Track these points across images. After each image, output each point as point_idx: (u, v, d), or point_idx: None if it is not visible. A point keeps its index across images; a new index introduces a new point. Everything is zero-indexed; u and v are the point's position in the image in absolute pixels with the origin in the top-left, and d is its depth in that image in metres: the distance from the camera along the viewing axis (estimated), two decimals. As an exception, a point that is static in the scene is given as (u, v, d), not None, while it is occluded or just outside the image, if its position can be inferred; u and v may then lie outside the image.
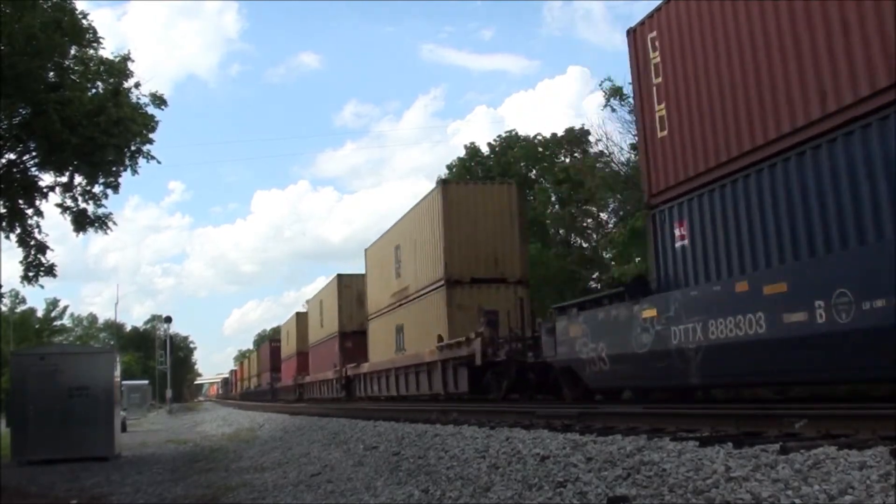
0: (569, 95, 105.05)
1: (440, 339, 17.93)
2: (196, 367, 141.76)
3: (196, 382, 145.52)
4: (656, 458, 5.30)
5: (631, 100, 27.03)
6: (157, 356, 69.36)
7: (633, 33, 11.54)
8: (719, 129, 9.51)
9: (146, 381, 56.22)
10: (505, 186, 19.92)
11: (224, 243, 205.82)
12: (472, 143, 44.96)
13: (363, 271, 28.87)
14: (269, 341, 58.32)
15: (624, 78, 25.91)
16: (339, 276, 31.72)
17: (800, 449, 4.73)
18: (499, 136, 43.36)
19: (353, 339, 29.38)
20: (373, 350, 26.00)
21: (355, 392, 27.91)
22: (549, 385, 14.03)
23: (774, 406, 7.57)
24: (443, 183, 19.49)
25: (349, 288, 30.74)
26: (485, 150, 44.32)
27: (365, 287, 27.43)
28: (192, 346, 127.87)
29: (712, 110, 9.65)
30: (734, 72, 9.29)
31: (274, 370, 51.03)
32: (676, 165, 10.33)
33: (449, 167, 45.58)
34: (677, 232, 10.21)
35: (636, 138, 26.53)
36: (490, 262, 18.41)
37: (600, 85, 29.93)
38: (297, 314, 44.70)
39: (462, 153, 44.89)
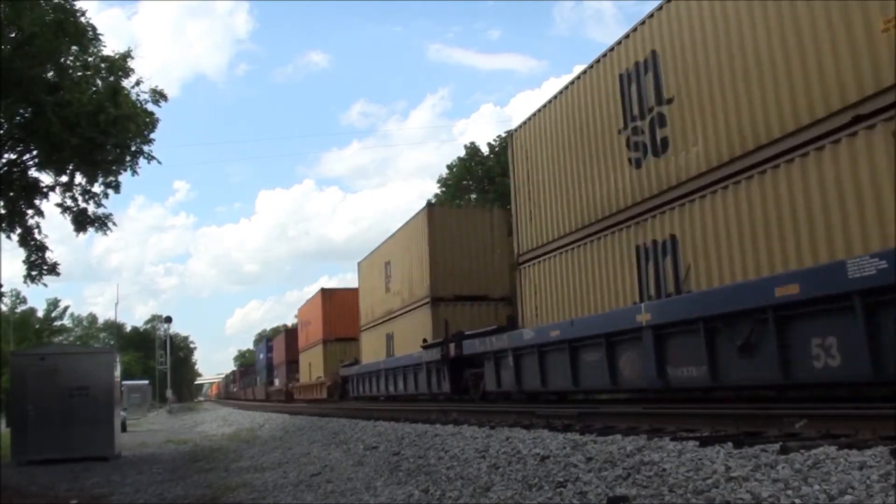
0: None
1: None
2: (196, 367, 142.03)
3: (196, 382, 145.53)
4: (656, 458, 5.31)
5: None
6: (157, 356, 69.29)
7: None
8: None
9: (146, 381, 56.23)
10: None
11: (228, 243, 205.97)
12: (472, 143, 45.05)
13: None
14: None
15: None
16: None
17: (800, 449, 4.73)
18: (498, 136, 43.45)
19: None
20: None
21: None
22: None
23: (774, 406, 7.56)
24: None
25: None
26: (485, 149, 44.37)
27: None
28: (192, 346, 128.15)
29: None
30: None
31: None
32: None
33: (449, 167, 45.66)
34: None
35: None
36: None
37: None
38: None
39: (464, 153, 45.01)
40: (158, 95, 16.37)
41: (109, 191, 16.55)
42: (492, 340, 14.33)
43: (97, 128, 14.65)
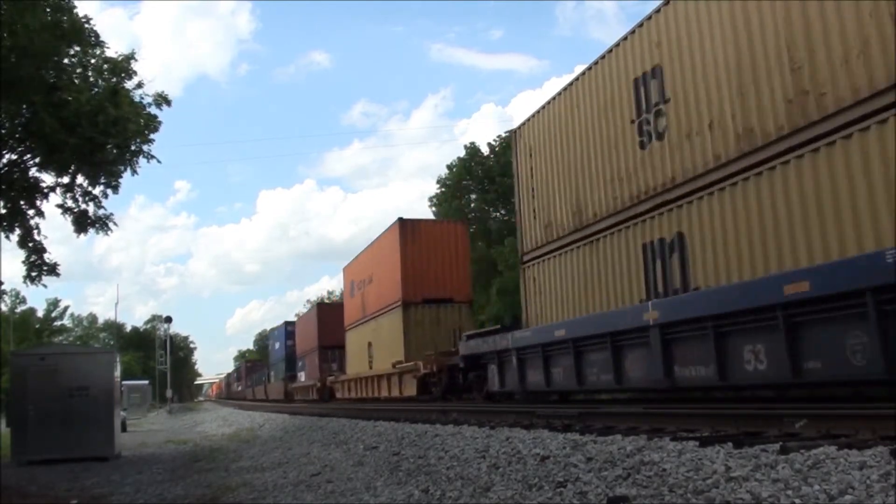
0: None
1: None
2: (196, 367, 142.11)
3: (196, 382, 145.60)
4: (656, 458, 5.31)
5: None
6: (157, 356, 69.26)
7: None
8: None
9: (146, 381, 56.20)
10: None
11: (228, 243, 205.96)
12: (472, 143, 45.08)
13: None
14: None
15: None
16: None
17: (800, 449, 4.74)
18: (498, 136, 43.48)
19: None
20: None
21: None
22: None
23: (774, 406, 7.57)
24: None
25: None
26: (485, 149, 44.40)
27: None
28: (192, 346, 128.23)
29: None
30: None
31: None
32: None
33: (449, 167, 45.66)
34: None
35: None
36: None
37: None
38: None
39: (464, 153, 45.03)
40: (162, 100, 16.34)
41: (108, 191, 16.54)
42: None
43: (97, 128, 14.63)
